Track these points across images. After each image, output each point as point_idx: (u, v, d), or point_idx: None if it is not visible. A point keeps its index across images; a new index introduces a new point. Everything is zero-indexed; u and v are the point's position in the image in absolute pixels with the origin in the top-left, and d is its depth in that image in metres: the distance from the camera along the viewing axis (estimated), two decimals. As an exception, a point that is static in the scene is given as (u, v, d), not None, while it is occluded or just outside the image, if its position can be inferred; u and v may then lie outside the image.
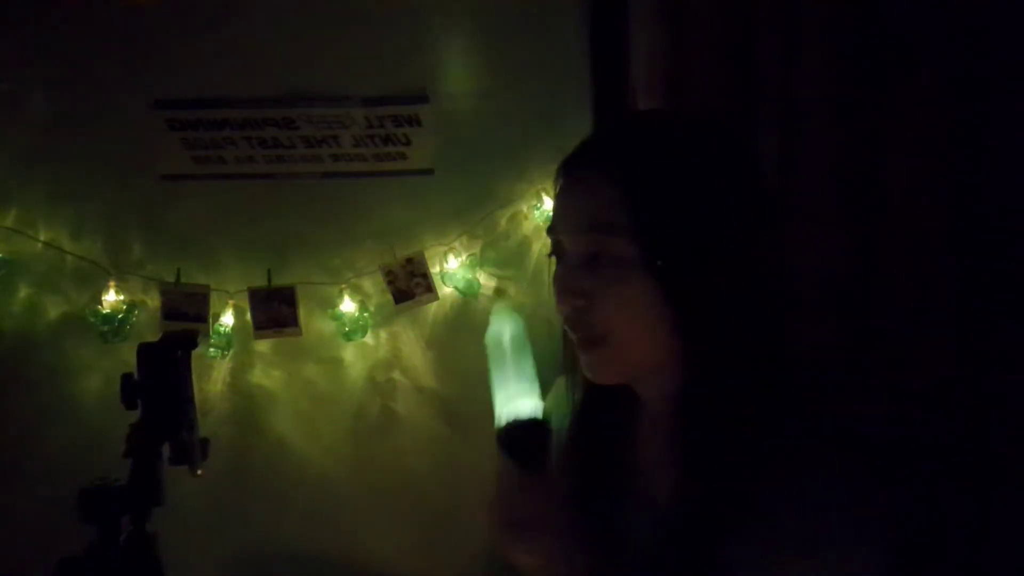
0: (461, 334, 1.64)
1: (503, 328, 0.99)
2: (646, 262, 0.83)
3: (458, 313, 1.64)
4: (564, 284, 0.89)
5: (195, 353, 0.97)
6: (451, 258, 1.60)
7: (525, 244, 1.62)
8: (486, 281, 1.63)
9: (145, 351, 0.91)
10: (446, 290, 1.62)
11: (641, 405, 0.97)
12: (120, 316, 1.58)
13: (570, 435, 1.01)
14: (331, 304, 1.61)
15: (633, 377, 0.93)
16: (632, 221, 0.83)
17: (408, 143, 1.61)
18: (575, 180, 0.91)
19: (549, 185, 1.59)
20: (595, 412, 0.99)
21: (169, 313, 1.60)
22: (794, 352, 0.94)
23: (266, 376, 1.65)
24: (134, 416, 0.92)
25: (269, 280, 1.61)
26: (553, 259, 0.92)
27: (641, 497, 0.95)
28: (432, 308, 1.63)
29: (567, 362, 1.06)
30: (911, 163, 1.25)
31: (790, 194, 1.29)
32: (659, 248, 0.83)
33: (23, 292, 1.62)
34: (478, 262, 1.61)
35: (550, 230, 0.93)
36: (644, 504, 0.94)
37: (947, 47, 1.23)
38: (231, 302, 1.61)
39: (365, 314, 1.61)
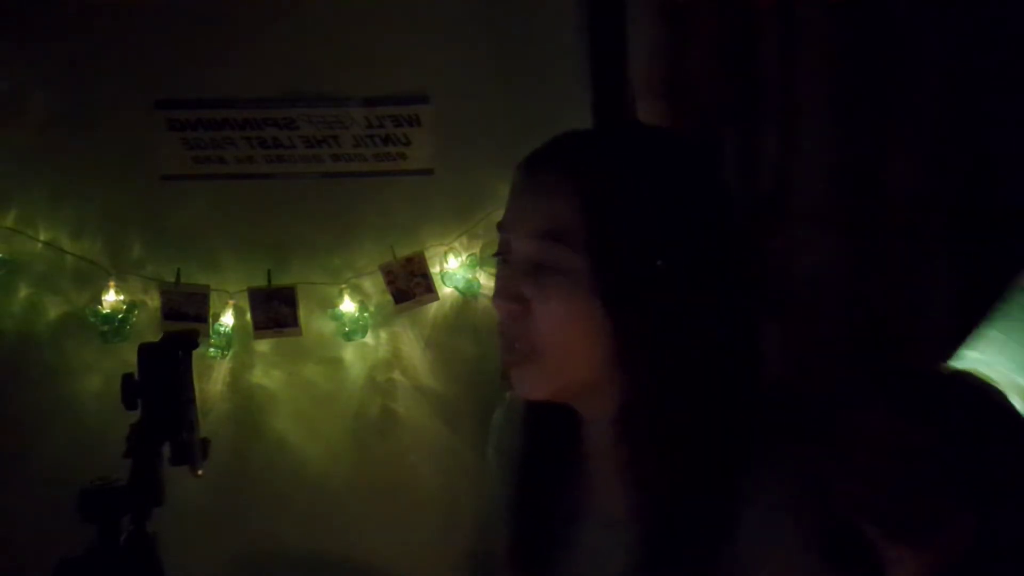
0: (461, 334, 1.64)
1: None
2: (592, 277, 0.79)
3: (458, 313, 1.64)
4: (503, 287, 0.84)
5: (195, 353, 0.97)
6: (451, 258, 1.60)
7: (525, 244, 1.62)
8: (486, 281, 1.62)
9: (146, 351, 0.91)
10: (446, 290, 1.62)
11: (581, 425, 0.92)
12: (120, 316, 1.58)
13: (519, 453, 0.96)
14: (331, 304, 1.61)
15: (566, 395, 0.88)
16: (585, 232, 0.79)
17: (408, 143, 1.61)
18: (534, 182, 0.87)
19: (549, 185, 1.60)
20: (539, 429, 0.94)
21: (169, 313, 1.60)
22: (757, 367, 0.90)
23: (266, 376, 1.65)
24: (134, 416, 0.92)
25: (269, 280, 1.61)
26: (498, 259, 0.87)
27: (598, 514, 0.91)
28: (432, 308, 1.63)
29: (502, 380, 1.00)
30: (910, 163, 1.25)
31: (789, 194, 1.29)
32: (609, 263, 0.79)
33: (23, 292, 1.62)
34: (478, 262, 1.61)
35: (500, 226, 0.88)
36: (601, 521, 0.91)
37: (947, 47, 1.23)
38: (231, 302, 1.61)
39: (365, 314, 1.61)
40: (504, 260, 0.86)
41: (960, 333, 1.22)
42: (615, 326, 0.79)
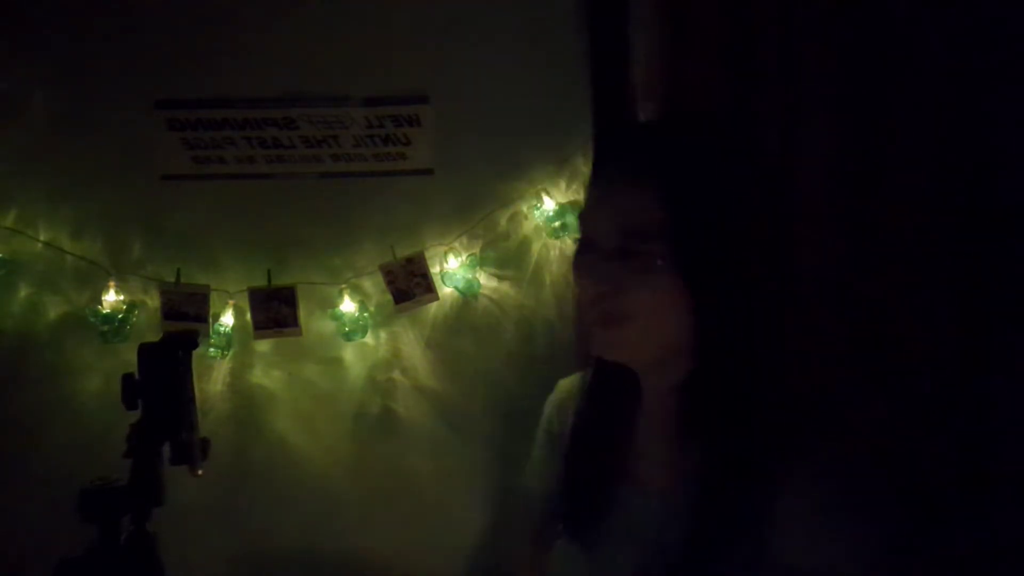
0: (461, 334, 1.64)
1: None
2: (676, 260, 0.89)
3: (458, 313, 1.64)
4: (598, 272, 0.93)
5: (195, 353, 0.97)
6: (451, 258, 1.60)
7: (525, 244, 1.62)
8: (486, 281, 1.63)
9: (146, 351, 0.91)
10: (446, 290, 1.62)
11: (642, 395, 1.01)
12: (120, 316, 1.58)
13: (576, 422, 1.07)
14: (331, 304, 1.61)
15: (642, 362, 0.98)
16: (665, 221, 0.89)
17: (408, 143, 1.61)
18: (612, 179, 0.96)
19: (549, 185, 1.60)
20: (599, 403, 1.03)
21: (169, 313, 1.59)
22: (797, 344, 0.99)
23: (266, 376, 1.65)
24: (134, 416, 0.92)
25: (269, 280, 1.61)
26: (572, 243, 0.99)
27: (641, 482, 0.98)
28: (432, 308, 1.63)
29: (581, 355, 1.13)
30: (911, 162, 1.25)
31: (790, 193, 1.29)
32: (689, 248, 0.89)
33: (23, 292, 1.62)
34: (478, 262, 1.61)
35: (582, 217, 0.98)
36: (647, 489, 0.97)
37: (947, 45, 1.23)
38: (231, 302, 1.61)
39: (365, 314, 1.61)
40: (589, 245, 0.96)
41: (963, 333, 1.23)
42: (693, 299, 0.90)
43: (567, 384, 1.17)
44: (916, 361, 1.24)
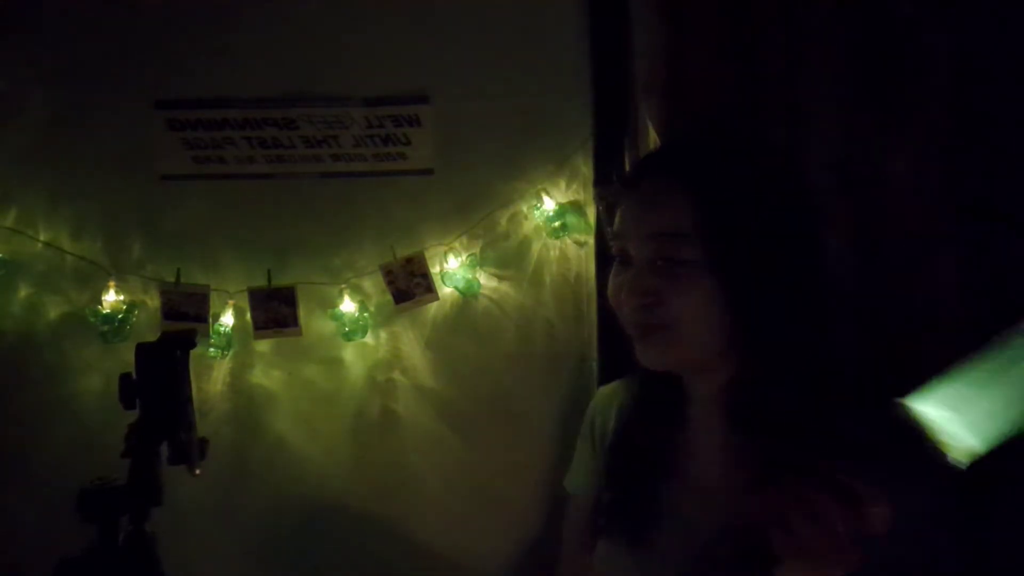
0: (461, 334, 1.64)
1: None
2: (711, 264, 0.90)
3: (458, 313, 1.64)
4: (634, 286, 0.95)
5: (195, 353, 0.97)
6: (451, 258, 1.59)
7: (525, 244, 1.62)
8: (486, 281, 1.62)
9: (144, 351, 0.91)
10: (446, 290, 1.61)
11: (689, 400, 1.03)
12: (120, 316, 1.58)
13: (622, 426, 1.08)
14: (331, 304, 1.61)
15: (686, 367, 1.00)
16: (700, 227, 0.90)
17: (408, 143, 1.61)
18: (644, 190, 0.97)
19: (549, 185, 1.59)
20: (646, 406, 1.06)
21: (169, 313, 1.59)
22: (838, 350, 0.99)
23: (266, 376, 1.65)
24: (133, 416, 0.92)
25: (269, 280, 1.61)
26: (616, 261, 0.99)
27: (690, 485, 1.00)
28: (432, 308, 1.63)
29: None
30: (915, 160, 1.25)
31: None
32: (724, 251, 0.90)
33: (23, 292, 1.62)
34: (478, 262, 1.61)
35: (615, 237, 1.00)
36: (695, 490, 0.99)
37: (951, 43, 1.23)
38: (231, 302, 1.61)
39: (365, 314, 1.61)
40: (626, 256, 0.97)
41: (966, 332, 1.22)
42: (732, 303, 0.91)
43: (608, 390, 1.18)
44: (915, 362, 1.24)
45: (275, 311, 1.60)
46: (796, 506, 0.77)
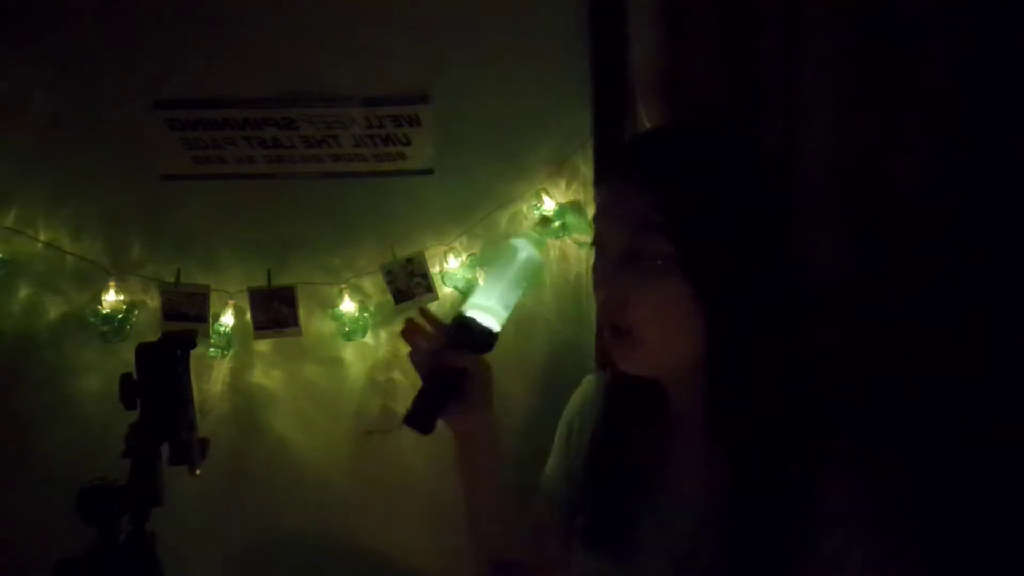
0: (461, 334, 1.63)
1: (525, 250, 1.08)
2: (681, 260, 0.89)
3: (458, 313, 1.63)
4: (603, 276, 0.95)
5: (195, 353, 0.97)
6: (451, 258, 1.59)
7: (525, 244, 1.62)
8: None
9: (144, 351, 0.91)
10: (446, 290, 1.61)
11: (668, 406, 1.01)
12: (120, 316, 1.58)
13: (598, 431, 1.07)
14: (331, 304, 1.61)
15: (660, 370, 0.99)
16: (669, 222, 0.89)
17: (408, 143, 1.61)
18: (617, 182, 0.97)
19: (549, 185, 1.59)
20: (622, 409, 1.04)
21: (169, 313, 1.59)
22: (811, 347, 0.99)
23: (266, 376, 1.65)
24: (133, 416, 0.92)
25: (269, 280, 1.61)
26: (593, 249, 0.99)
27: (671, 489, 0.98)
28: (432, 308, 1.63)
29: (599, 359, 1.12)
30: (916, 160, 1.25)
31: (793, 193, 1.29)
32: (694, 247, 0.89)
33: (23, 292, 1.62)
34: (478, 262, 1.61)
35: (595, 218, 0.99)
36: (675, 496, 0.97)
37: (952, 43, 1.22)
38: (231, 302, 1.61)
39: (365, 314, 1.61)
40: (600, 251, 0.97)
41: (967, 331, 1.22)
42: (703, 302, 0.90)
43: (589, 387, 1.17)
44: (916, 363, 1.24)
45: (275, 311, 1.60)
46: None
